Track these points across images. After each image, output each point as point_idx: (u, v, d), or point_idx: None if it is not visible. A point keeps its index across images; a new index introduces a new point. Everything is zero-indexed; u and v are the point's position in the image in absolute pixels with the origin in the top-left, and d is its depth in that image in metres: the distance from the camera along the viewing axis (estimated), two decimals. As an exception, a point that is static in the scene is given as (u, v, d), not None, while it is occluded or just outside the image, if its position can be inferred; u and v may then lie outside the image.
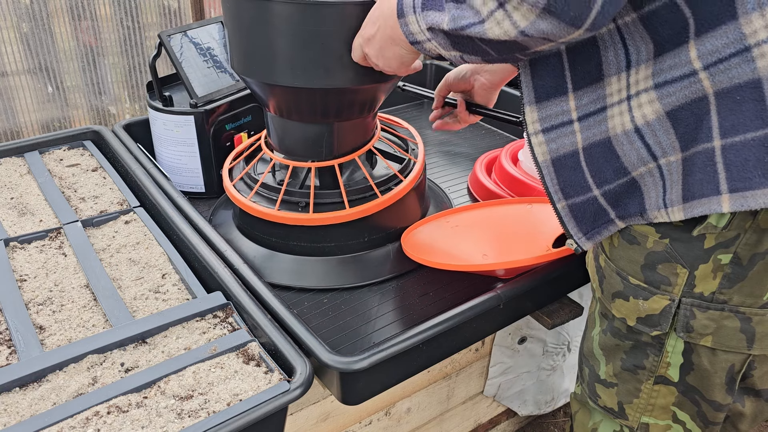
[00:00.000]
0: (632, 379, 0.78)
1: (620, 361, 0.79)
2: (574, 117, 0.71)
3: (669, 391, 0.76)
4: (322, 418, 1.00)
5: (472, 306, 0.90)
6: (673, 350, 0.73)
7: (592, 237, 0.75)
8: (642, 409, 0.79)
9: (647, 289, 0.72)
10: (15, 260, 0.96)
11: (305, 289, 1.06)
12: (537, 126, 0.73)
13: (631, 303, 0.74)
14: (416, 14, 0.70)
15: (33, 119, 1.44)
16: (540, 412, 1.40)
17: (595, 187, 0.72)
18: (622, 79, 0.66)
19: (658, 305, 0.72)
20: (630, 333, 0.77)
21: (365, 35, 0.84)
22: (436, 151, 1.60)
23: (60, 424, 0.68)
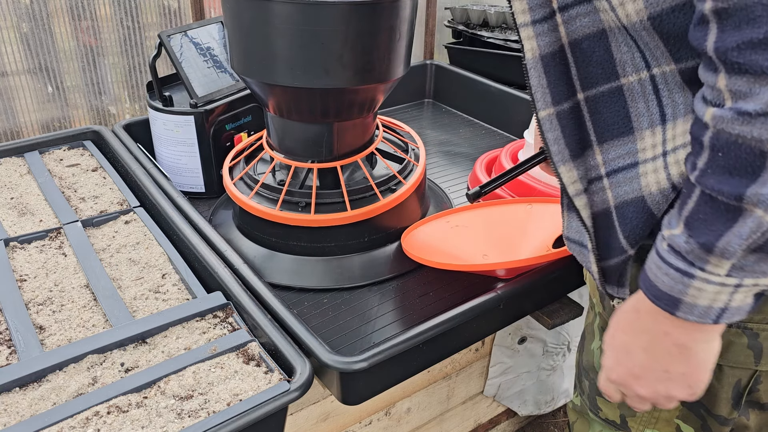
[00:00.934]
0: None
1: None
2: (602, 172, 0.65)
3: None
4: (322, 418, 1.00)
5: (472, 306, 0.90)
6: None
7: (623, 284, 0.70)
8: (645, 422, 0.78)
9: None
10: (15, 260, 0.96)
11: (305, 289, 1.06)
12: (579, 186, 0.67)
13: None
14: (695, 272, 0.53)
15: (33, 119, 1.44)
16: (540, 412, 1.40)
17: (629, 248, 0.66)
18: (657, 134, 0.61)
19: None
20: None
21: (623, 373, 0.64)
22: (436, 151, 1.60)
23: (60, 424, 0.68)
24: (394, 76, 1.02)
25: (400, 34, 0.98)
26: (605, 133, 0.64)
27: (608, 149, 0.64)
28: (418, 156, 1.20)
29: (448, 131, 1.72)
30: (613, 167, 0.64)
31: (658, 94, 0.59)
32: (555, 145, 0.65)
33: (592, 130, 0.64)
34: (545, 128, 0.65)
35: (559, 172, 0.66)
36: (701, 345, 0.59)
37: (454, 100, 1.86)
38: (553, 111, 0.64)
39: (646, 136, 0.61)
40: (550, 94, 0.64)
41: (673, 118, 0.59)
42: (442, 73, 1.88)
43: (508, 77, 1.77)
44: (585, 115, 0.64)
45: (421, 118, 1.81)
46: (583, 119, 0.64)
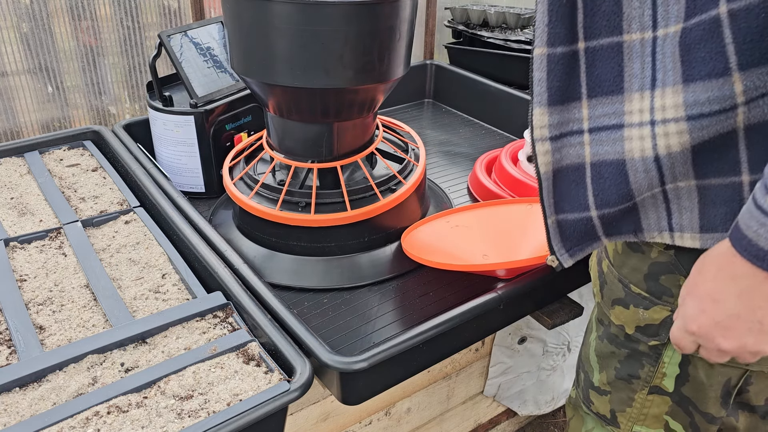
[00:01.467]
0: (626, 388, 0.77)
1: (614, 370, 0.78)
2: (585, 127, 0.64)
3: (663, 400, 0.75)
4: (322, 418, 1.00)
5: (472, 306, 0.90)
6: (670, 361, 0.72)
7: (574, 254, 0.72)
8: (634, 418, 0.78)
9: (648, 299, 0.70)
10: (15, 260, 0.96)
11: (305, 289, 1.06)
12: (545, 132, 0.66)
13: (631, 311, 0.73)
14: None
15: (33, 119, 1.44)
16: (540, 412, 1.40)
17: (594, 208, 0.66)
18: (645, 99, 0.60)
19: (658, 315, 0.70)
20: (627, 341, 0.76)
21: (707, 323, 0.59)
22: (436, 151, 1.60)
23: (60, 424, 0.68)
24: (394, 76, 1.02)
25: (400, 34, 0.98)
26: (596, 88, 0.63)
27: (596, 105, 0.63)
28: (418, 156, 1.20)
29: (448, 131, 1.72)
30: (597, 124, 0.63)
31: (654, 58, 0.58)
32: (538, 86, 0.65)
33: (584, 82, 0.63)
34: (534, 66, 0.65)
35: (533, 113, 0.66)
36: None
37: (454, 100, 1.86)
38: (546, 51, 0.64)
39: (634, 99, 0.61)
40: (547, 33, 0.63)
41: (662, 84, 0.58)
42: (442, 73, 1.88)
43: (508, 77, 1.77)
44: (581, 66, 0.63)
45: (421, 118, 1.81)
46: (578, 70, 0.63)
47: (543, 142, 0.67)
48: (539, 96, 0.65)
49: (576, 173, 0.66)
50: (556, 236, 0.72)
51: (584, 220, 0.68)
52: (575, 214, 0.68)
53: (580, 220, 0.68)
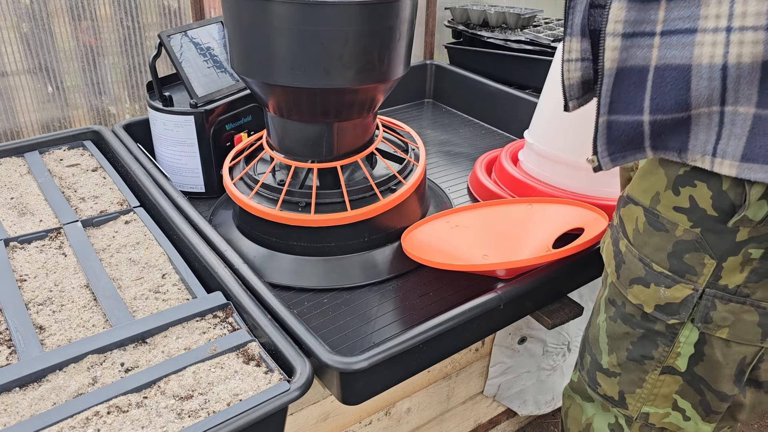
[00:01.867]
0: (637, 369, 0.78)
1: (626, 352, 0.78)
2: (657, 30, 0.63)
3: (674, 380, 0.76)
4: (322, 418, 1.00)
5: (472, 306, 0.90)
6: (685, 340, 0.73)
7: (615, 160, 0.70)
8: (644, 399, 0.78)
9: (671, 277, 0.71)
10: (15, 260, 0.96)
11: (305, 289, 1.06)
12: (619, 27, 0.64)
13: (652, 290, 0.73)
14: None
15: (33, 119, 1.44)
16: (540, 412, 1.40)
17: (647, 112, 0.65)
18: (724, 4, 0.58)
19: (680, 294, 0.71)
20: (643, 321, 0.76)
21: None
22: (436, 151, 1.60)
23: (60, 424, 0.68)
24: (394, 76, 1.02)
25: (400, 34, 0.98)
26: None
27: (673, 7, 0.62)
28: (418, 156, 1.20)
29: (448, 131, 1.72)
30: (670, 27, 0.62)
31: None
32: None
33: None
34: None
35: (610, 6, 0.64)
36: None
37: (454, 100, 1.86)
38: None
39: (711, 3, 0.59)
40: None
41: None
42: (442, 73, 1.88)
43: (508, 77, 1.77)
44: None
45: (421, 118, 1.81)
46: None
47: (614, 37, 0.65)
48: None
49: (638, 75, 0.65)
50: (603, 137, 0.70)
51: (635, 124, 0.67)
52: (628, 116, 0.67)
53: (631, 124, 0.67)
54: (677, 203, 0.69)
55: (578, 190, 1.22)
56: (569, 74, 0.85)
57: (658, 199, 0.71)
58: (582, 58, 0.84)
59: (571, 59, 0.83)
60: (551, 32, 1.81)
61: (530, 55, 1.72)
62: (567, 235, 1.07)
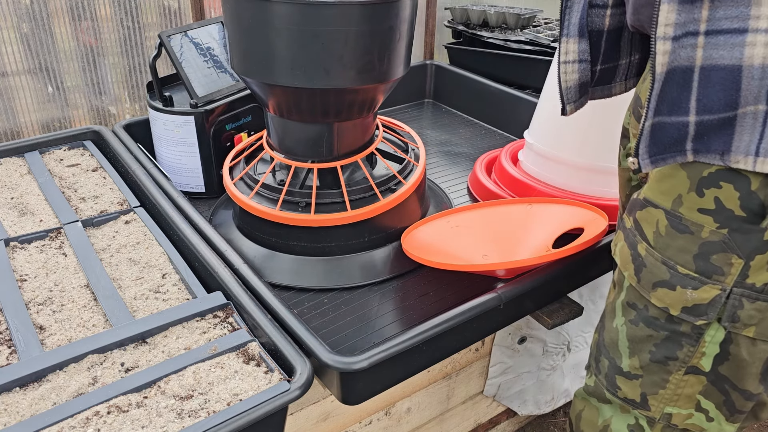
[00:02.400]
0: (660, 370, 0.77)
1: (648, 354, 0.77)
2: (701, 29, 0.62)
3: (698, 380, 0.75)
4: (322, 418, 1.00)
5: (472, 306, 0.90)
6: (711, 340, 0.72)
7: (656, 162, 0.70)
8: (667, 399, 0.78)
9: (698, 279, 0.70)
10: (15, 260, 0.96)
11: (305, 289, 1.06)
12: (669, 30, 0.63)
13: (678, 292, 0.72)
14: None
15: (33, 119, 1.44)
16: (540, 411, 1.40)
17: (693, 113, 0.65)
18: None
19: (708, 295, 0.70)
20: (668, 323, 0.75)
21: None
22: (436, 151, 1.60)
23: (60, 424, 0.68)
24: (394, 76, 1.02)
25: (400, 34, 0.98)
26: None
27: (718, 6, 0.61)
28: (418, 156, 1.20)
29: (448, 131, 1.72)
30: (716, 27, 0.61)
31: None
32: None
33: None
34: None
35: (659, 9, 0.63)
36: None
37: (454, 100, 1.86)
38: None
39: (763, 3, 0.58)
40: None
41: None
42: (442, 73, 1.88)
43: (508, 77, 1.77)
44: None
45: (421, 118, 1.81)
46: None
47: (665, 41, 0.64)
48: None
49: (682, 76, 0.64)
50: (646, 139, 0.70)
51: (680, 125, 0.66)
52: (673, 117, 0.67)
53: (676, 125, 0.67)
54: (702, 205, 0.69)
55: (578, 190, 1.22)
56: (566, 76, 0.84)
57: (681, 202, 0.70)
58: (580, 60, 0.83)
59: (568, 61, 0.82)
60: (551, 32, 1.81)
61: (530, 55, 1.72)
62: (567, 235, 1.07)
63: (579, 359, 1.39)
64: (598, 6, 0.82)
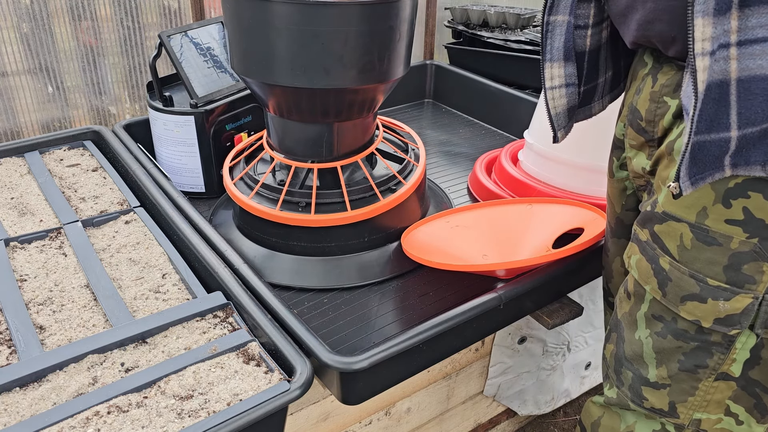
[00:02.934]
0: (690, 378, 0.76)
1: (677, 363, 0.76)
2: (732, 40, 0.59)
3: (728, 386, 0.74)
4: (322, 418, 1.00)
5: (472, 306, 0.90)
6: (742, 347, 0.72)
7: (696, 182, 0.67)
8: (696, 406, 0.77)
9: (729, 290, 0.70)
10: (15, 260, 0.96)
11: (305, 289, 1.06)
12: (707, 46, 0.60)
13: (710, 305, 0.71)
14: None
15: (33, 119, 1.44)
16: (540, 411, 1.40)
17: (735, 128, 0.62)
18: None
19: (740, 304, 0.70)
20: (698, 334, 0.74)
21: None
22: (436, 151, 1.60)
23: (60, 424, 0.68)
24: (394, 76, 1.02)
25: (400, 34, 0.98)
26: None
27: (749, 15, 0.58)
28: (418, 156, 1.20)
29: (448, 131, 1.72)
30: (749, 36, 0.59)
31: None
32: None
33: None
34: None
35: (694, 24, 0.61)
36: None
37: (454, 100, 1.86)
38: None
39: None
40: None
41: None
42: (442, 73, 1.88)
43: (508, 77, 1.77)
44: None
45: (421, 118, 1.81)
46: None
47: (704, 57, 0.61)
48: (704, 4, 0.60)
49: (718, 90, 0.62)
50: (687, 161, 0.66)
51: (721, 142, 0.64)
52: (713, 134, 0.64)
53: (717, 142, 0.64)
54: (729, 216, 0.68)
55: (578, 190, 1.22)
56: (554, 102, 0.82)
57: (706, 214, 0.69)
58: (567, 84, 0.81)
59: (554, 86, 0.79)
60: (551, 32, 1.81)
61: (530, 55, 1.72)
62: (567, 235, 1.07)
63: (579, 359, 1.39)
64: (580, 27, 0.81)
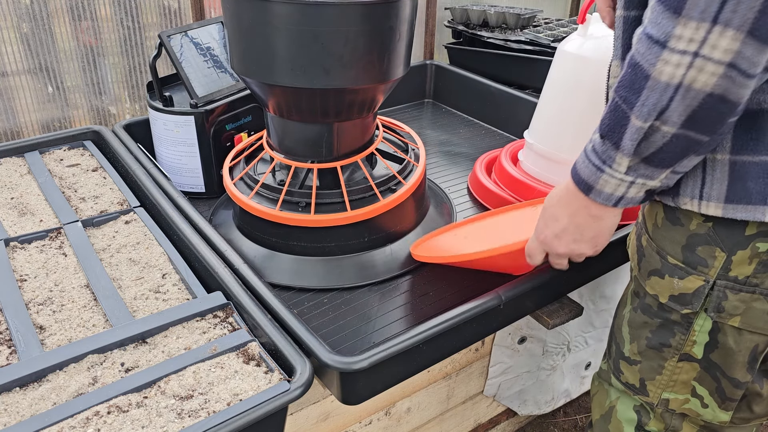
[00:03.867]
0: (656, 356, 0.81)
1: (645, 340, 0.81)
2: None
3: (692, 367, 0.78)
4: (322, 418, 1.00)
5: (472, 306, 0.90)
6: (700, 329, 0.76)
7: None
8: (664, 385, 0.81)
9: (684, 269, 0.74)
10: (15, 260, 0.96)
11: (305, 289, 1.06)
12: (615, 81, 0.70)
13: (666, 281, 0.76)
14: (605, 168, 0.69)
15: (33, 119, 1.44)
16: (540, 411, 1.40)
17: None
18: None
19: (692, 285, 0.74)
20: (660, 310, 0.79)
21: (549, 234, 0.81)
22: (436, 151, 1.60)
23: (60, 424, 0.68)
24: (394, 76, 1.02)
25: (400, 34, 0.98)
26: None
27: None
28: (418, 156, 1.20)
29: (448, 131, 1.72)
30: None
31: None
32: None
33: None
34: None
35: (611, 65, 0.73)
36: (609, 218, 0.76)
37: (454, 100, 1.86)
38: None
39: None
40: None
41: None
42: (442, 73, 1.88)
43: (508, 77, 1.77)
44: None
45: (421, 118, 1.81)
46: None
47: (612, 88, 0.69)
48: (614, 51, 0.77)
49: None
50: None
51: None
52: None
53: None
54: None
55: (578, 190, 1.22)
56: None
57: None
58: None
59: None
60: (551, 32, 1.81)
61: (530, 55, 1.72)
62: None
63: (579, 359, 1.39)
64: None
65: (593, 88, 1.15)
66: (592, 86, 1.15)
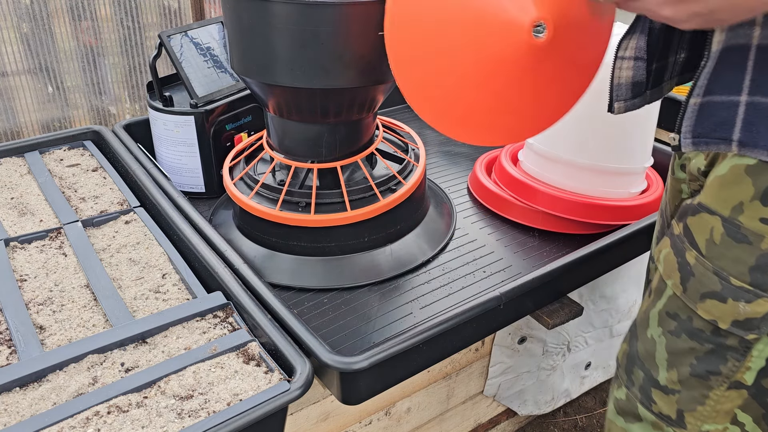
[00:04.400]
0: (700, 385, 0.73)
1: (689, 367, 0.73)
2: None
3: (739, 394, 0.71)
4: (322, 418, 1.00)
5: (472, 306, 0.90)
6: (759, 354, 0.69)
7: (697, 144, 0.67)
8: (705, 416, 0.74)
9: (752, 292, 0.67)
10: (15, 260, 0.96)
11: (305, 289, 1.06)
12: None
13: (729, 305, 0.68)
14: None
15: (33, 119, 1.44)
16: (540, 411, 1.40)
17: (746, 92, 0.63)
18: None
19: (762, 309, 0.66)
20: (714, 336, 0.71)
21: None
22: (436, 151, 1.60)
23: (60, 424, 0.68)
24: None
25: (400, 34, 0.98)
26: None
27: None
28: (418, 156, 1.20)
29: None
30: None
31: None
32: None
33: None
34: None
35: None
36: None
37: (454, 100, 1.86)
38: None
39: None
40: None
41: None
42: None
43: (508, 77, 1.76)
44: None
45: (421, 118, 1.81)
46: None
47: None
48: None
49: (739, 55, 0.63)
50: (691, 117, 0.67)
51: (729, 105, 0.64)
52: (722, 96, 0.65)
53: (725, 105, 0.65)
54: (765, 215, 0.65)
55: (578, 190, 1.22)
56: (620, 72, 0.82)
57: (742, 210, 0.66)
58: (636, 57, 0.80)
59: (624, 57, 0.80)
60: (551, 32, 1.81)
61: None
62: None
63: (579, 359, 1.39)
64: None
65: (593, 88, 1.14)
66: (593, 86, 1.15)
